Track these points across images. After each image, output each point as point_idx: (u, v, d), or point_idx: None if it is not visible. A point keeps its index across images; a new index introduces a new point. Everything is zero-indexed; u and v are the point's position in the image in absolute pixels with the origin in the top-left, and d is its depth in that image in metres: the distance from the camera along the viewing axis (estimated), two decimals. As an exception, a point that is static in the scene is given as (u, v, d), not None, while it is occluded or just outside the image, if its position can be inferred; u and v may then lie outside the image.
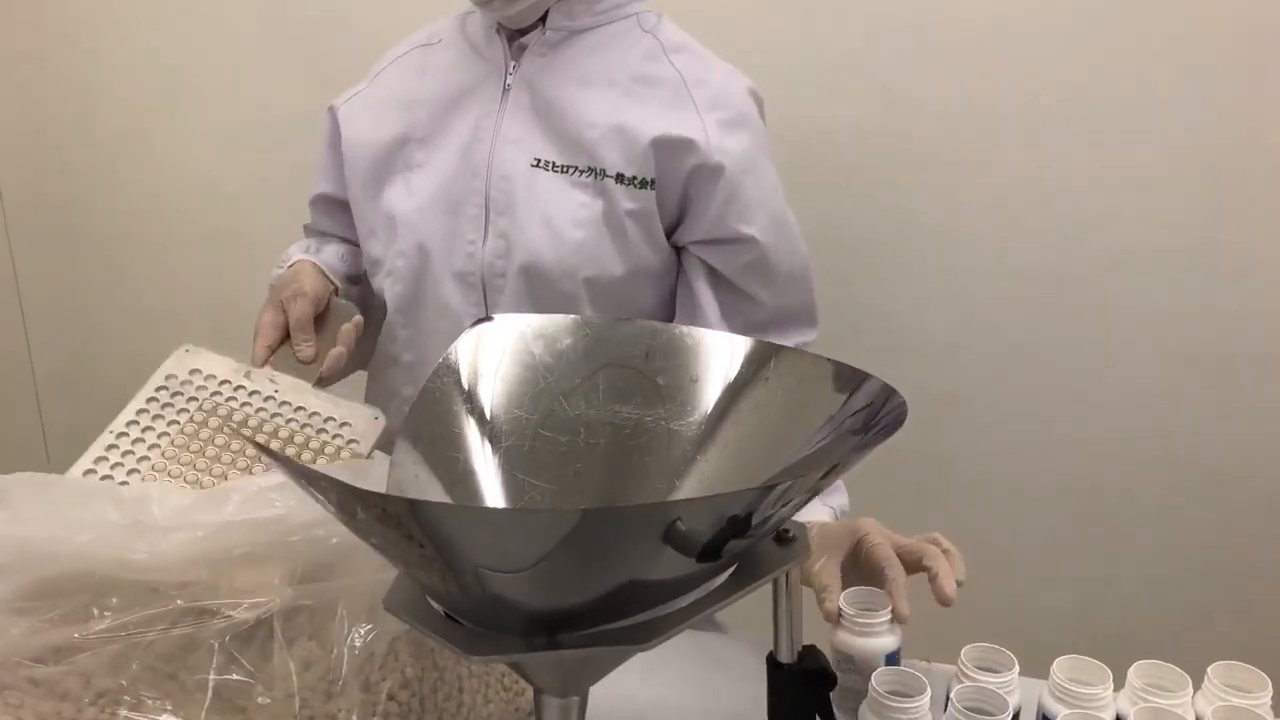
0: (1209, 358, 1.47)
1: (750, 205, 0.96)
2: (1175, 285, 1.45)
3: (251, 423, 0.88)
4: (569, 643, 0.49)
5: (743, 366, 0.67)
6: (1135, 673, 0.75)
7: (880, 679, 0.74)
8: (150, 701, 0.64)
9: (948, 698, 0.74)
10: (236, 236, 1.83)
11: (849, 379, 0.60)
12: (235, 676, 0.66)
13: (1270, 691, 0.73)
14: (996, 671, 0.76)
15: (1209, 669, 0.75)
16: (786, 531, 0.57)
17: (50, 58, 1.93)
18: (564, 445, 0.68)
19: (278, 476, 0.70)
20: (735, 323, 0.98)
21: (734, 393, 0.66)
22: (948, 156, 1.45)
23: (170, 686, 0.65)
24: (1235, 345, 1.46)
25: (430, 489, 0.64)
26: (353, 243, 1.10)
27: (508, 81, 0.97)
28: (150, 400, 0.88)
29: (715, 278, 0.99)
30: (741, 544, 0.51)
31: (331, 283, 1.02)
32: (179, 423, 0.87)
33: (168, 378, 0.90)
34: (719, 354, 0.68)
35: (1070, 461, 1.60)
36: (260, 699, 0.66)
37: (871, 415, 0.55)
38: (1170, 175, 1.39)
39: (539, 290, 0.95)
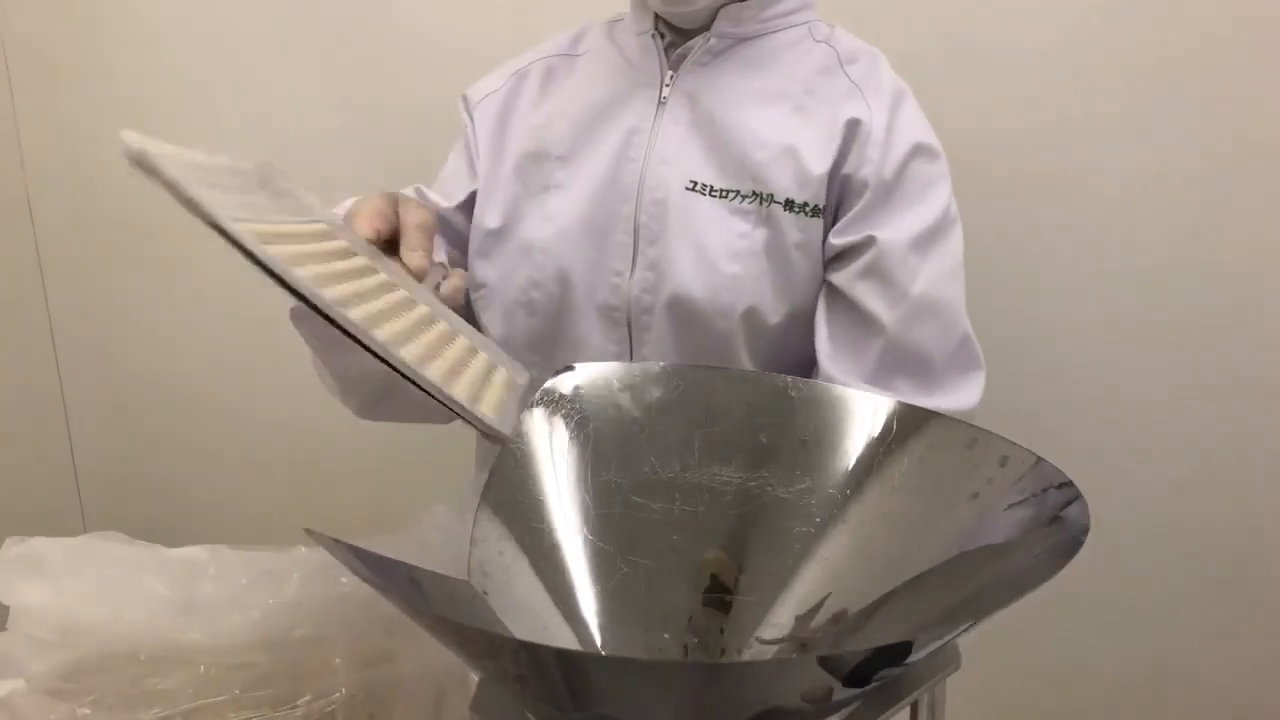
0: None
1: (888, 212, 0.84)
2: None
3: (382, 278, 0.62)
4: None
5: (863, 427, 0.59)
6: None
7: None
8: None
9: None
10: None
11: (1002, 454, 0.52)
12: (296, 776, 0.59)
13: None
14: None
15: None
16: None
17: (82, 69, 1.89)
18: (658, 513, 0.61)
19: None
20: (845, 356, 0.83)
21: (852, 458, 0.59)
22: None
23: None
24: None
25: (516, 567, 0.57)
26: (450, 239, 0.95)
27: (664, 94, 0.87)
28: (234, 167, 0.60)
29: (832, 296, 0.86)
30: (890, 674, 0.44)
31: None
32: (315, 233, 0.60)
33: (256, 166, 0.63)
34: (833, 410, 0.61)
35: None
36: (322, 800, 0.59)
37: (1041, 511, 0.47)
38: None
39: (689, 329, 0.85)
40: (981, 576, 0.47)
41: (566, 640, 0.55)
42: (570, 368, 0.64)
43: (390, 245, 0.70)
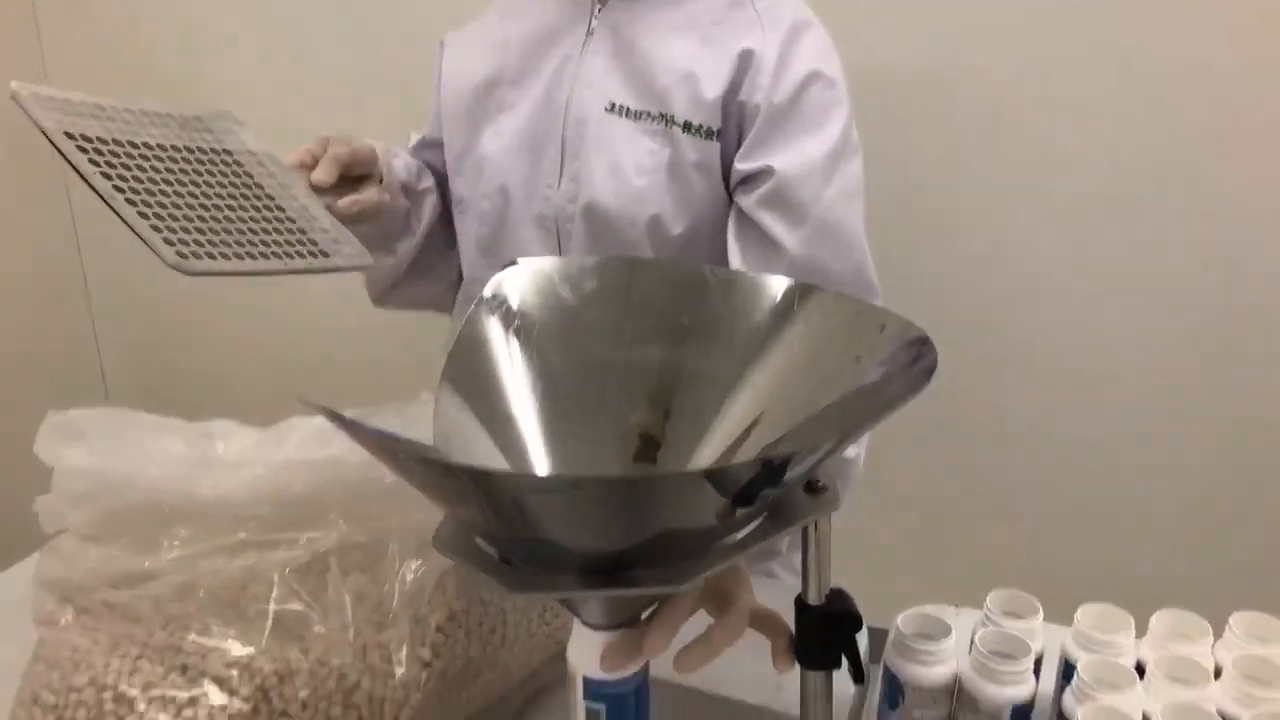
0: (1241, 308, 1.47)
1: (784, 139, 0.92)
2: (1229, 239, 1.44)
3: (258, 181, 0.85)
4: (609, 584, 0.52)
5: (767, 305, 0.67)
6: (1157, 621, 0.77)
7: (906, 623, 0.77)
8: (215, 627, 0.68)
9: (972, 642, 0.77)
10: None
11: (878, 322, 0.61)
12: (294, 606, 0.70)
13: (1291, 642, 0.75)
14: (1021, 617, 0.78)
15: (1230, 618, 0.77)
16: (817, 481, 0.60)
17: (114, 59, 1.97)
18: (596, 388, 0.70)
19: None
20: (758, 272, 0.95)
21: (759, 333, 0.67)
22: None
23: (233, 614, 0.69)
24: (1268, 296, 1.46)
25: (475, 436, 0.66)
26: (433, 168, 1.11)
27: (592, 24, 0.98)
28: (170, 115, 0.87)
29: (741, 219, 0.95)
30: (772, 493, 0.53)
31: (381, 169, 1.01)
32: (191, 150, 0.84)
33: (203, 116, 0.89)
34: (743, 293, 0.69)
35: (1099, 409, 1.61)
36: (317, 628, 0.70)
37: (902, 362, 0.56)
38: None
39: (603, 236, 0.97)
40: (854, 413, 0.56)
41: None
42: (514, 262, 0.73)
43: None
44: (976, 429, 1.65)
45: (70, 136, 0.75)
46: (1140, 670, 0.74)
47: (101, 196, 0.73)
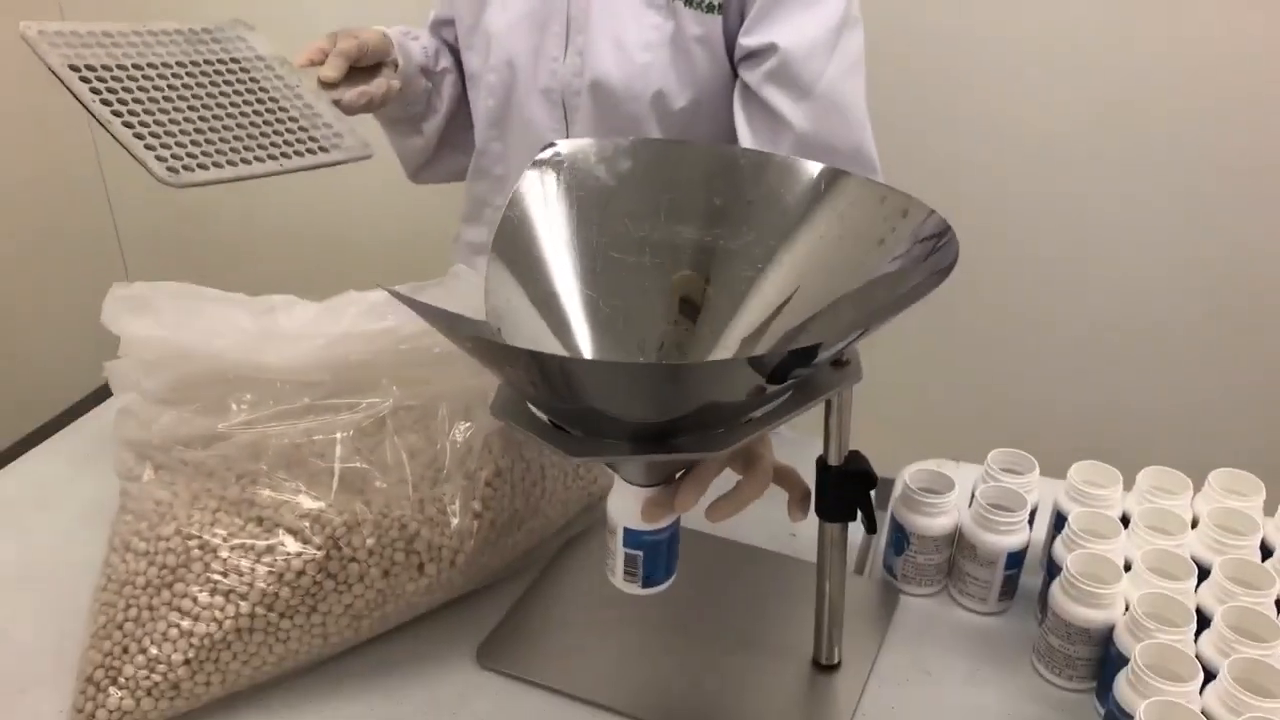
0: (1232, 171, 1.52)
1: (786, 14, 0.92)
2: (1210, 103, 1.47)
3: (262, 86, 0.91)
4: (656, 450, 0.58)
5: (797, 188, 0.71)
6: (1142, 477, 0.84)
7: (913, 478, 0.84)
8: (286, 483, 0.75)
9: (973, 495, 0.84)
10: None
11: (900, 207, 0.65)
12: (357, 464, 0.76)
13: (1263, 495, 0.83)
14: (1019, 473, 0.85)
15: (1209, 475, 0.84)
16: (841, 356, 0.65)
17: None
18: (631, 264, 0.74)
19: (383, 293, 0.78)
20: (763, 149, 0.93)
21: (789, 215, 0.71)
22: None
23: (301, 472, 0.76)
24: (1249, 159, 1.50)
25: (522, 311, 0.71)
26: (450, 46, 1.13)
27: None
28: (180, 30, 0.91)
29: (747, 95, 0.96)
30: (802, 374, 0.59)
31: (395, 54, 1.05)
32: (197, 64, 0.89)
33: (211, 28, 0.94)
34: (774, 176, 0.73)
35: (1093, 278, 1.66)
36: (378, 483, 0.76)
37: (922, 250, 0.61)
38: None
39: (608, 110, 0.99)
40: (879, 298, 0.61)
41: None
42: (553, 144, 0.76)
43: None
44: (984, 306, 1.71)
45: (75, 69, 0.81)
46: (1125, 521, 0.81)
47: (99, 120, 0.79)
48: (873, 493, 0.71)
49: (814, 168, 0.70)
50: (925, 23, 1.58)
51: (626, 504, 0.66)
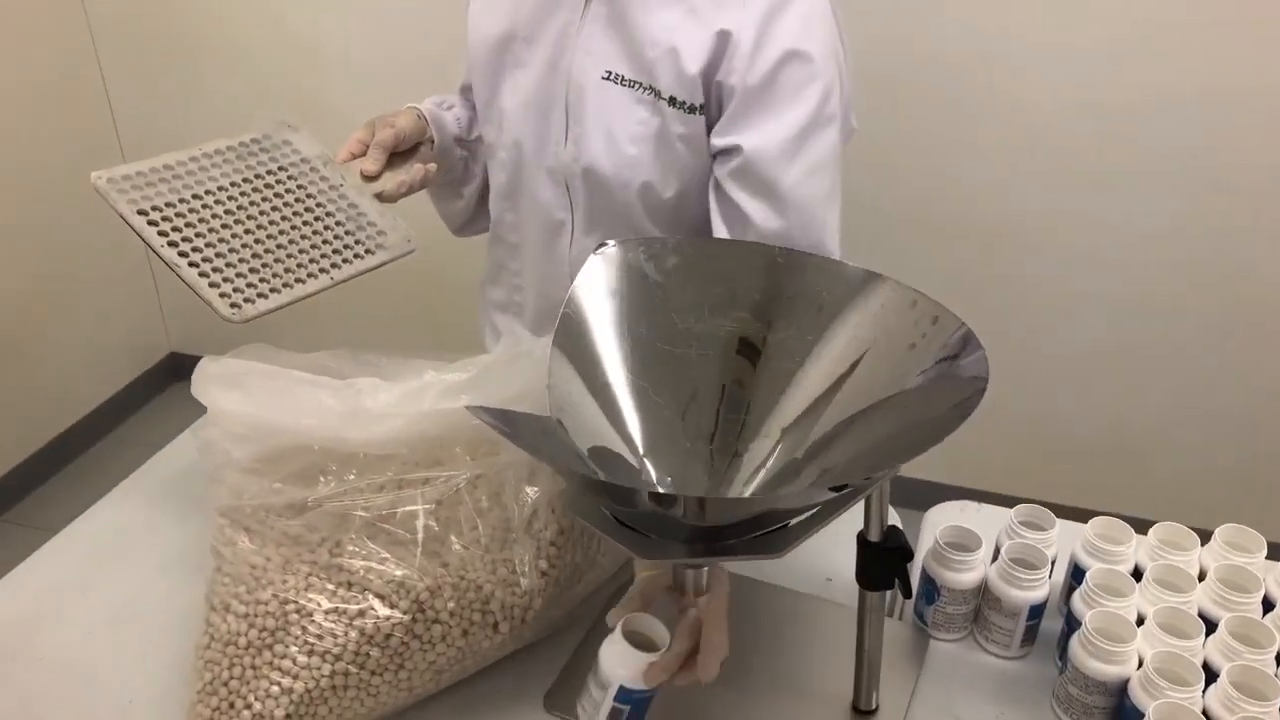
0: (1245, 186, 1.58)
1: (752, 118, 0.94)
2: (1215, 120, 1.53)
3: (310, 193, 0.99)
4: (719, 550, 0.65)
5: (834, 287, 0.77)
6: (1153, 533, 0.91)
7: (943, 534, 0.91)
8: (373, 550, 0.82)
9: (997, 550, 0.91)
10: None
11: (934, 314, 0.71)
12: (437, 531, 0.83)
13: (1264, 550, 0.90)
14: (1040, 528, 0.92)
15: (1216, 531, 0.91)
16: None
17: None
18: (678, 356, 0.80)
19: (463, 374, 0.85)
20: (735, 237, 0.97)
21: (825, 312, 0.77)
22: None
23: (385, 539, 0.83)
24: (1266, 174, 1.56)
25: (581, 403, 0.77)
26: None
27: None
28: (231, 146, 0.98)
29: (718, 190, 0.98)
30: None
31: (430, 133, 1.10)
32: (249, 180, 0.97)
33: (259, 137, 1.01)
34: (810, 274, 0.79)
35: (1108, 284, 1.72)
36: (455, 547, 0.83)
37: (950, 355, 0.67)
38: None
39: (601, 196, 1.02)
40: (910, 413, 0.68)
41: (620, 453, 0.76)
42: (605, 243, 0.82)
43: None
44: (997, 300, 1.77)
45: (142, 213, 0.89)
46: (1138, 574, 0.88)
47: (168, 264, 0.87)
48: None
49: (850, 270, 0.77)
50: (944, 20, 1.63)
51: (624, 662, 0.73)
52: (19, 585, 1.00)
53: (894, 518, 0.82)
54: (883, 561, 0.77)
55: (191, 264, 0.88)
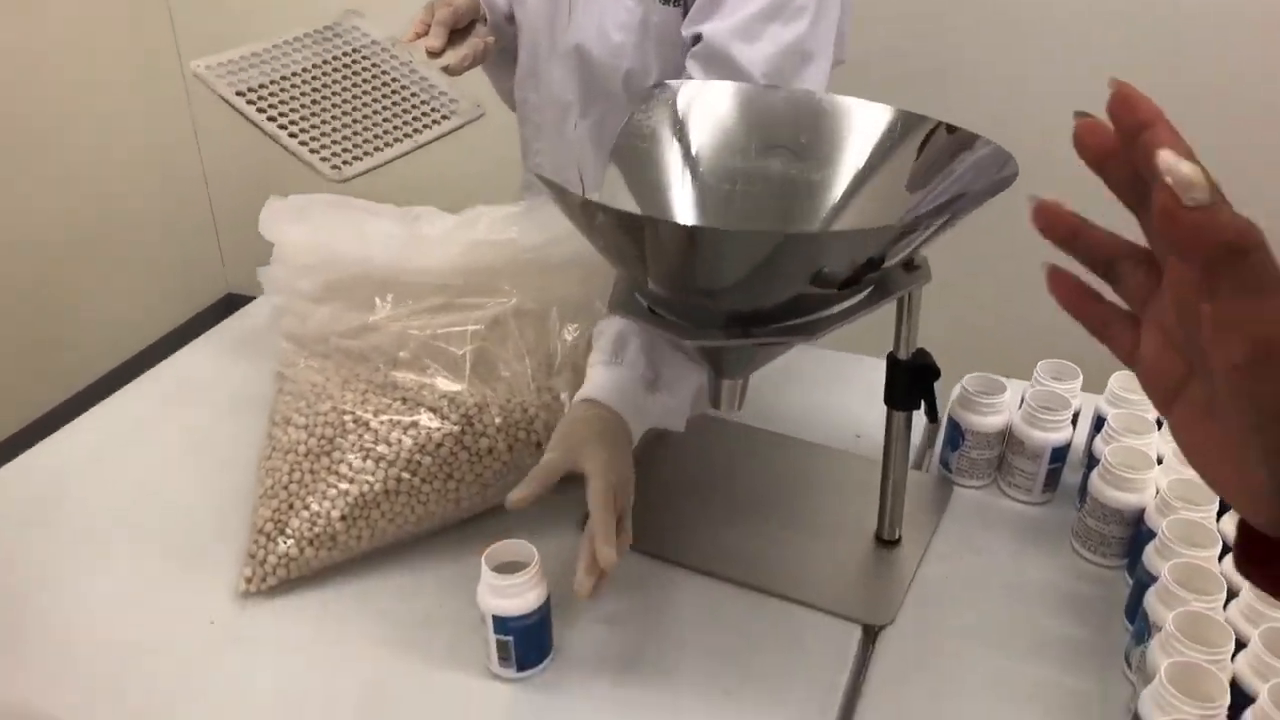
0: None
1: (716, 6, 0.97)
2: None
3: (384, 70, 1.04)
4: (758, 334, 0.69)
5: (875, 127, 0.81)
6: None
7: (970, 382, 0.94)
8: (427, 369, 0.87)
9: (1023, 399, 0.95)
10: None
11: (970, 141, 0.75)
12: (486, 355, 0.88)
13: None
14: (1064, 380, 0.95)
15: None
16: (913, 261, 0.75)
17: None
18: (724, 193, 0.85)
19: (513, 207, 0.90)
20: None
21: (867, 149, 0.81)
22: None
23: (438, 359, 0.88)
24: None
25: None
26: None
27: None
28: (308, 33, 1.05)
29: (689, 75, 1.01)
30: (879, 272, 0.69)
31: (483, 10, 1.15)
32: (328, 61, 1.03)
33: (331, 24, 1.07)
34: (852, 117, 0.83)
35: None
36: (502, 372, 0.88)
37: (984, 173, 0.71)
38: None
39: (594, 80, 1.07)
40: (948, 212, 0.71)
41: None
42: (660, 84, 0.86)
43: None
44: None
45: (241, 94, 0.95)
46: (1159, 423, 0.91)
47: (269, 135, 0.92)
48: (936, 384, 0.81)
49: (885, 109, 0.80)
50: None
51: (493, 591, 0.74)
52: (102, 417, 1.07)
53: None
54: (910, 380, 0.81)
55: (291, 134, 0.93)
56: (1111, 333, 0.41)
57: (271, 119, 0.94)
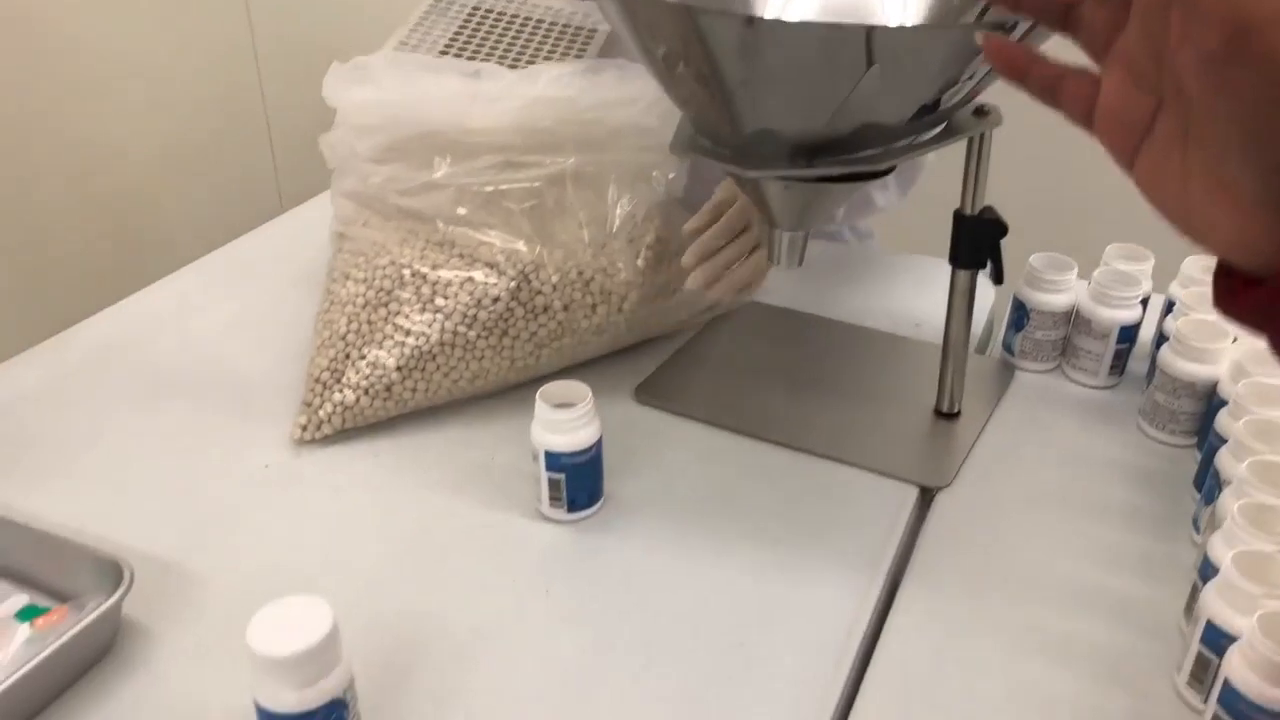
0: None
1: None
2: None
3: (510, 13, 1.04)
4: (822, 164, 0.68)
5: None
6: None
7: (1037, 260, 0.92)
8: (484, 227, 0.87)
9: (1091, 279, 0.92)
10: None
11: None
12: (543, 215, 0.87)
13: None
14: (1135, 262, 0.93)
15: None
16: (983, 108, 0.73)
17: None
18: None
19: (573, 65, 0.89)
20: None
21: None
22: None
23: (496, 217, 0.87)
24: None
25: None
26: None
27: None
28: (430, 8, 1.04)
29: None
30: (954, 94, 0.67)
31: None
32: (463, 25, 1.02)
33: None
34: None
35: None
36: (559, 234, 0.88)
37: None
38: None
39: None
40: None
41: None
42: None
43: None
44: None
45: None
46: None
47: None
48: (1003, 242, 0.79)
49: None
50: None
51: (546, 427, 0.73)
52: (163, 290, 1.10)
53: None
54: (976, 236, 0.79)
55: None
56: (1065, 90, 0.41)
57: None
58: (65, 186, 1.76)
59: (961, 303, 0.82)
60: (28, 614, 0.65)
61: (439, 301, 0.85)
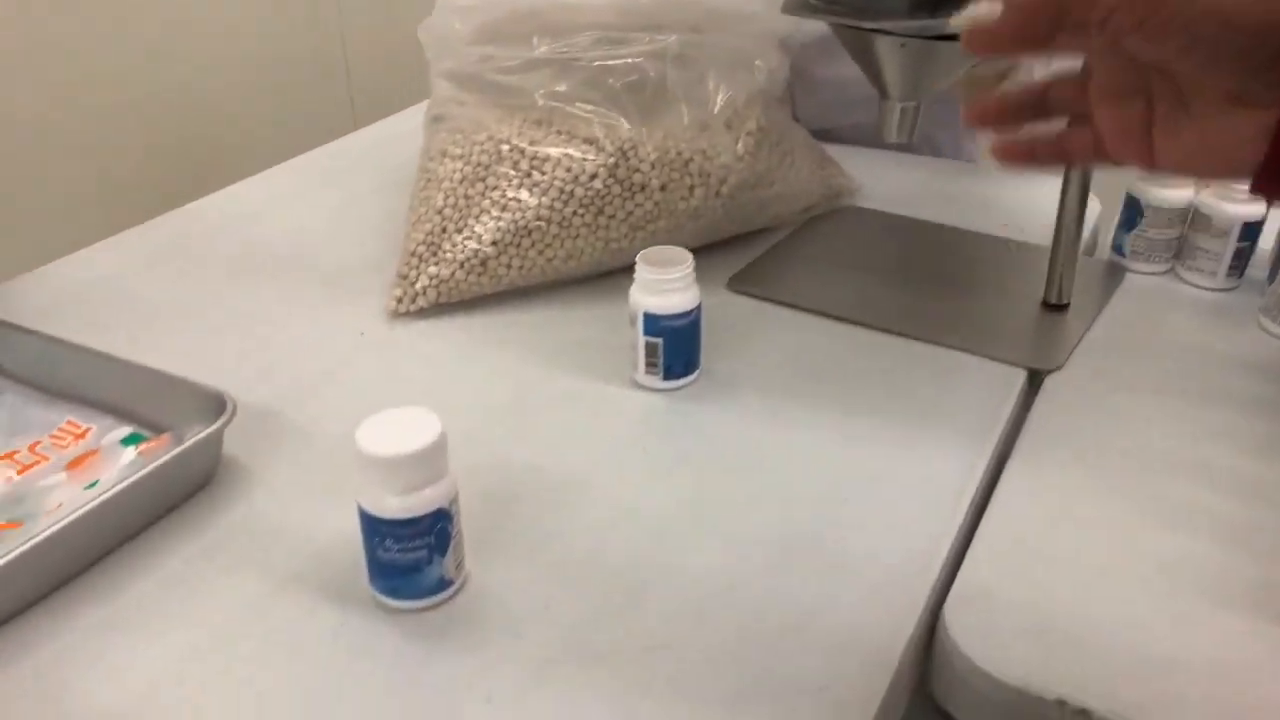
0: None
1: None
2: None
3: None
4: (944, 13, 0.66)
5: None
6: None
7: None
8: (584, 104, 0.86)
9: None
10: None
11: None
12: (643, 93, 0.86)
13: None
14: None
15: None
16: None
17: None
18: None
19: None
20: None
21: None
22: None
23: (596, 93, 0.86)
24: None
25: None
26: None
27: None
28: None
29: None
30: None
31: None
32: None
33: None
34: None
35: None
36: (658, 114, 0.86)
37: None
38: None
39: None
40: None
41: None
42: None
43: None
44: None
45: None
46: (1365, 203, 0.84)
47: None
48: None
49: None
50: None
51: (646, 289, 0.71)
52: (254, 185, 1.10)
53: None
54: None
55: None
56: (1071, 147, 0.45)
57: None
58: (142, 101, 1.79)
59: (1075, 189, 0.79)
60: (132, 440, 0.65)
61: (536, 176, 0.84)
